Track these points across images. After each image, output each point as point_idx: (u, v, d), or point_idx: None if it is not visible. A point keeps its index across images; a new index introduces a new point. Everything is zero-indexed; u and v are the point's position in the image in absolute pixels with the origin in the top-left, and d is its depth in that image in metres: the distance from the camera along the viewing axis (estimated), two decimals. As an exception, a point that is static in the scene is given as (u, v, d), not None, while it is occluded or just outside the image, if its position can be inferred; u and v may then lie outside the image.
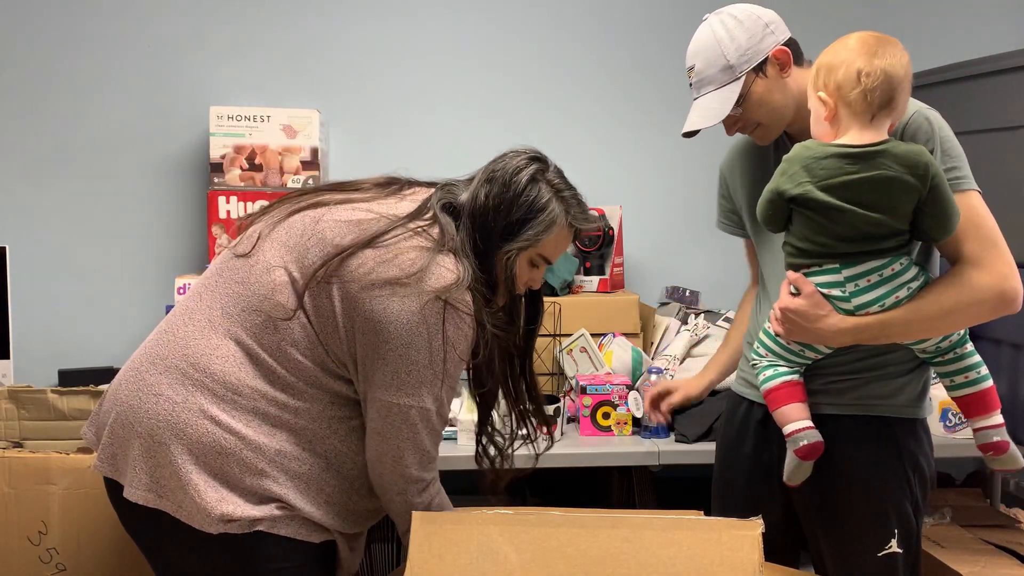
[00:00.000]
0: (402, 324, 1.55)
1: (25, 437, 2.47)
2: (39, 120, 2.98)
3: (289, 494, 1.59)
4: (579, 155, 3.17)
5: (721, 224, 2.12)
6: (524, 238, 1.67)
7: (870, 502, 1.76)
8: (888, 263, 1.63)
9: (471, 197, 1.69)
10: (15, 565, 2.22)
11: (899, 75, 1.60)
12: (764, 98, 1.78)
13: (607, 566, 1.48)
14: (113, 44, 2.99)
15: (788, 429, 1.75)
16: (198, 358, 1.60)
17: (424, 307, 1.55)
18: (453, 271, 1.58)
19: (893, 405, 1.77)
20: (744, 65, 1.76)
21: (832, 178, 1.61)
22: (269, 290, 1.61)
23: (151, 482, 1.59)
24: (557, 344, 2.70)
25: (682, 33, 3.17)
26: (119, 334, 2.95)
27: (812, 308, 1.67)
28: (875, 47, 1.61)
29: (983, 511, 2.65)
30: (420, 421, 1.61)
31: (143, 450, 1.59)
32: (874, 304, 1.64)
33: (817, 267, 1.67)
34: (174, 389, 1.59)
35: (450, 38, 3.11)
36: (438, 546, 1.51)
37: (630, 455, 2.43)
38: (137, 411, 1.60)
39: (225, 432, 1.56)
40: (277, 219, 1.69)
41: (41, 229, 2.99)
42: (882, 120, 1.62)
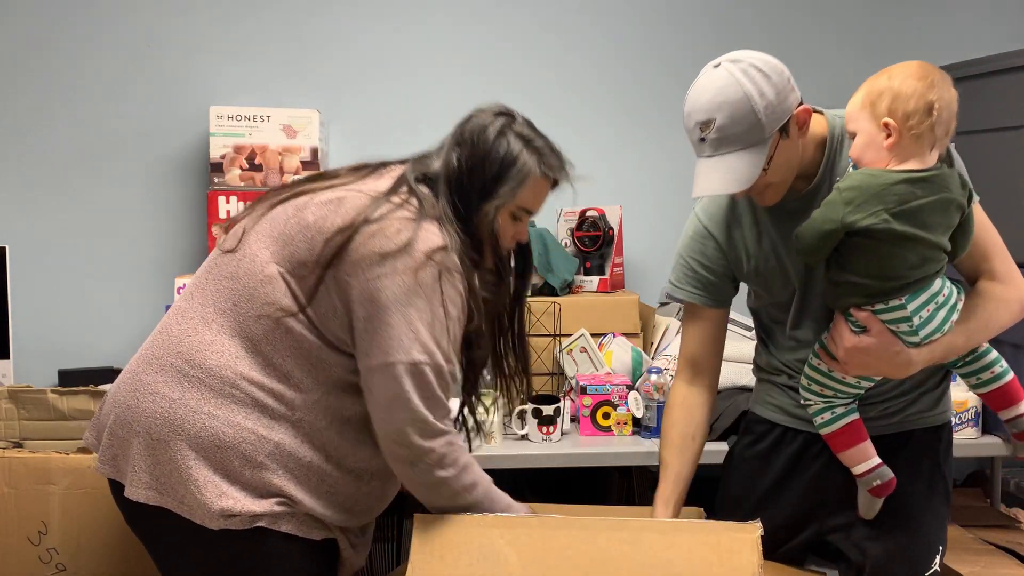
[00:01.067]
0: (399, 293, 1.56)
1: (25, 437, 2.46)
2: (39, 120, 2.98)
3: (289, 487, 1.59)
4: (579, 155, 3.14)
5: (682, 291, 1.90)
6: (500, 195, 1.68)
7: (921, 524, 1.79)
8: (940, 288, 1.65)
9: (444, 164, 1.70)
10: (15, 565, 2.22)
11: (956, 109, 1.63)
12: (786, 159, 1.66)
13: (607, 568, 1.48)
14: (113, 45, 2.99)
15: (859, 470, 1.76)
16: (193, 355, 1.61)
17: (418, 272, 1.56)
18: (439, 236, 1.60)
19: (934, 414, 1.84)
20: (773, 125, 1.61)
21: (904, 204, 1.58)
22: (258, 282, 1.62)
23: (151, 480, 1.59)
24: (557, 344, 2.70)
25: (682, 35, 3.19)
26: (119, 334, 2.95)
27: (888, 345, 1.65)
28: (940, 80, 1.62)
29: (983, 511, 2.65)
30: (417, 383, 1.58)
31: (143, 448, 1.59)
32: (938, 332, 1.67)
33: (883, 304, 1.64)
34: (170, 387, 1.60)
35: (450, 39, 3.10)
36: (439, 547, 1.52)
37: (630, 455, 2.43)
38: (135, 411, 1.61)
39: (223, 426, 1.57)
40: (260, 213, 1.70)
41: (41, 229, 2.98)
42: (936, 152, 1.63)
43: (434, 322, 1.57)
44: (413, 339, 1.56)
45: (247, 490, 1.57)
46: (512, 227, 1.75)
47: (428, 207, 1.63)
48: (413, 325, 1.56)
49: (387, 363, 1.57)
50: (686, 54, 3.16)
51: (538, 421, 2.44)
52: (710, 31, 3.13)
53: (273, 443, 1.59)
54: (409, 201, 1.64)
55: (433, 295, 1.57)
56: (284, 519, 1.60)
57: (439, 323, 1.58)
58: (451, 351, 1.62)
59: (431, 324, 1.57)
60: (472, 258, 1.65)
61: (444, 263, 1.58)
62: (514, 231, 1.76)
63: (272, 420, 1.60)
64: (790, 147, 1.66)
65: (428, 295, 1.57)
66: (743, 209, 1.82)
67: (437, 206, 1.65)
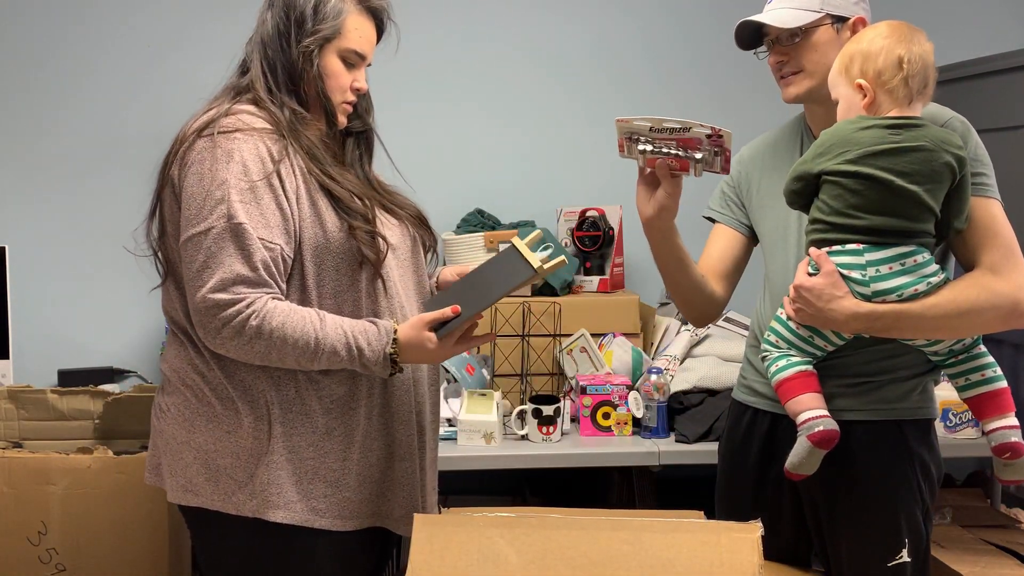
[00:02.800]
0: (192, 174, 1.59)
1: (25, 437, 2.47)
2: (39, 121, 2.98)
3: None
4: (579, 154, 3.17)
5: (712, 210, 2.01)
6: (321, 35, 1.65)
7: (883, 512, 1.73)
8: (912, 252, 1.62)
9: (259, 34, 1.71)
10: (15, 565, 2.22)
11: (932, 61, 1.64)
12: (822, 48, 1.75)
13: (608, 568, 1.48)
14: (112, 45, 2.99)
15: (802, 416, 1.69)
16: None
17: (199, 151, 1.59)
18: (232, 114, 1.62)
19: (904, 408, 1.75)
20: (829, 6, 1.74)
21: (874, 145, 1.60)
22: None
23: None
24: (557, 344, 2.70)
25: (682, 34, 3.19)
26: (119, 334, 2.95)
27: (829, 287, 1.63)
28: (909, 34, 1.63)
29: (984, 511, 2.65)
30: (220, 243, 1.54)
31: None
32: (893, 292, 1.62)
33: (840, 247, 1.64)
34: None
35: (447, 37, 3.10)
36: (439, 548, 1.51)
37: (630, 455, 2.43)
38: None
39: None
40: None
41: (41, 229, 2.98)
42: (917, 105, 1.64)
43: (215, 187, 1.57)
44: (196, 211, 1.58)
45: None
46: (348, 75, 1.71)
47: (240, 92, 1.68)
48: (195, 197, 1.59)
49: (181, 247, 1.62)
50: (687, 54, 3.18)
51: (538, 421, 2.44)
52: (711, 32, 3.13)
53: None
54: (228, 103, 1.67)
55: (209, 166, 1.58)
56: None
57: (222, 187, 1.57)
58: (242, 211, 1.56)
59: (212, 190, 1.58)
60: (316, 126, 1.67)
61: (217, 130, 1.59)
62: (352, 78, 1.72)
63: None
64: (833, 42, 1.74)
65: (207, 168, 1.58)
66: (782, 155, 1.88)
67: (256, 85, 1.66)
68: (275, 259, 1.56)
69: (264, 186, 1.57)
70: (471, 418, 2.40)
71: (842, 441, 1.71)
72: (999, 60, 2.65)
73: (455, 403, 2.48)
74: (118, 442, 2.39)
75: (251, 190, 1.56)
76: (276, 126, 1.63)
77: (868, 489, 1.74)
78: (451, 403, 2.49)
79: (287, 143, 1.62)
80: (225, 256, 1.52)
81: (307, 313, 1.57)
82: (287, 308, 1.56)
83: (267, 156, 1.59)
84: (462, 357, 2.59)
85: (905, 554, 1.72)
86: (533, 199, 3.07)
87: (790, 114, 1.94)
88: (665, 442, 2.44)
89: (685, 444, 2.43)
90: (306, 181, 1.62)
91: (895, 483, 1.73)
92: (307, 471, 1.63)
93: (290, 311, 1.55)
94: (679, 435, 2.46)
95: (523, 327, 2.70)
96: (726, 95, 3.11)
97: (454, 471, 2.30)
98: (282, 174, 1.59)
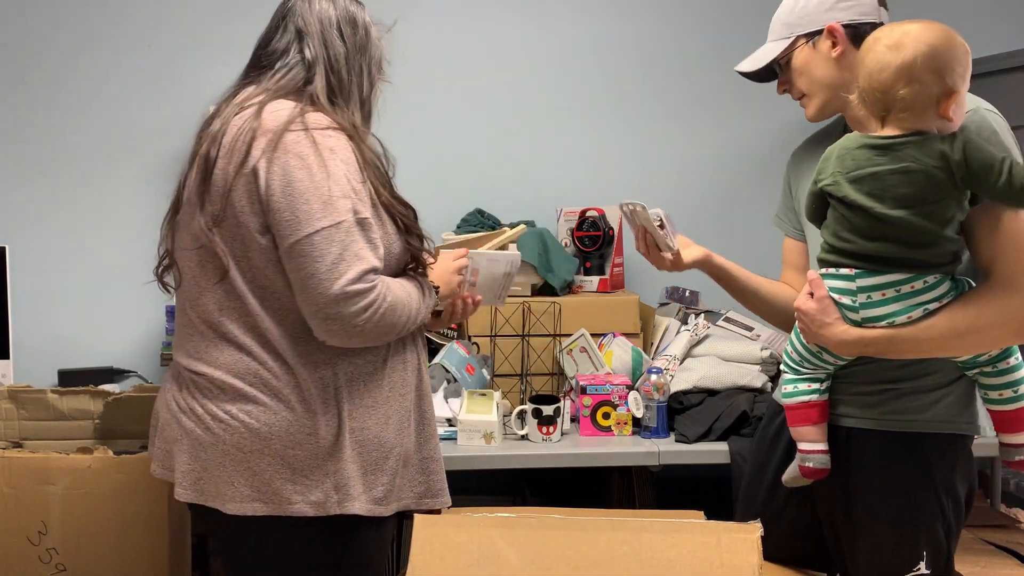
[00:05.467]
0: (297, 169, 1.58)
1: (25, 437, 2.47)
2: (39, 120, 2.98)
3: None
4: (579, 155, 3.17)
5: (777, 220, 2.03)
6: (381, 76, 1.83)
7: (898, 523, 1.69)
8: (909, 279, 1.56)
9: (324, 53, 1.72)
10: (15, 565, 2.22)
11: (911, 67, 1.52)
12: (805, 68, 1.76)
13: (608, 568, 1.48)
14: (113, 45, 2.99)
15: (804, 447, 1.72)
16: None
17: (294, 145, 1.58)
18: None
19: (928, 420, 1.67)
20: (798, 27, 1.76)
21: (859, 169, 1.56)
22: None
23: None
24: (557, 344, 2.70)
25: (685, 34, 3.19)
26: (119, 334, 2.95)
27: (819, 314, 1.62)
28: (891, 42, 1.55)
29: (983, 511, 2.65)
30: (352, 235, 1.57)
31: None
32: (882, 320, 1.58)
33: (834, 270, 1.62)
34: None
35: (448, 36, 3.10)
36: (439, 548, 1.52)
37: (630, 455, 2.43)
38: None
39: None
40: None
41: (41, 229, 2.98)
42: (901, 118, 1.55)
43: (321, 183, 1.61)
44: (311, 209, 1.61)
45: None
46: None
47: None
48: (306, 196, 1.61)
49: (291, 246, 1.62)
50: (687, 54, 3.18)
51: (538, 421, 2.44)
52: (711, 32, 3.13)
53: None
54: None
55: (316, 159, 1.61)
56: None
57: (322, 184, 1.62)
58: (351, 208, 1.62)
59: (319, 186, 1.62)
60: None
61: (308, 126, 1.62)
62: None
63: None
64: (813, 58, 1.76)
65: (316, 161, 1.61)
66: (819, 157, 1.83)
67: (319, 97, 1.69)
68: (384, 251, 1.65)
69: (365, 184, 1.63)
70: (471, 418, 2.40)
71: (859, 450, 1.70)
72: (999, 60, 2.65)
73: (455, 403, 2.48)
74: (118, 442, 2.39)
75: (362, 185, 1.61)
76: (349, 131, 1.67)
77: (884, 500, 1.69)
78: (451, 403, 2.49)
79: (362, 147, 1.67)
80: (359, 248, 1.56)
81: (392, 282, 1.65)
82: (392, 282, 1.65)
83: (359, 156, 1.64)
84: (462, 357, 2.59)
85: (923, 567, 1.68)
86: (533, 199, 3.07)
87: (787, 115, 1.93)
88: (665, 442, 2.44)
89: (685, 444, 2.43)
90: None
91: (912, 496, 1.68)
92: (370, 461, 1.66)
93: (394, 283, 1.65)
94: (679, 435, 2.46)
95: (523, 327, 2.70)
96: (724, 98, 3.11)
97: (454, 471, 2.30)
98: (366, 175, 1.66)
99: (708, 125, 3.16)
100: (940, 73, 1.52)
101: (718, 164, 3.18)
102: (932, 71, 1.52)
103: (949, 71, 1.52)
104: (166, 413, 1.72)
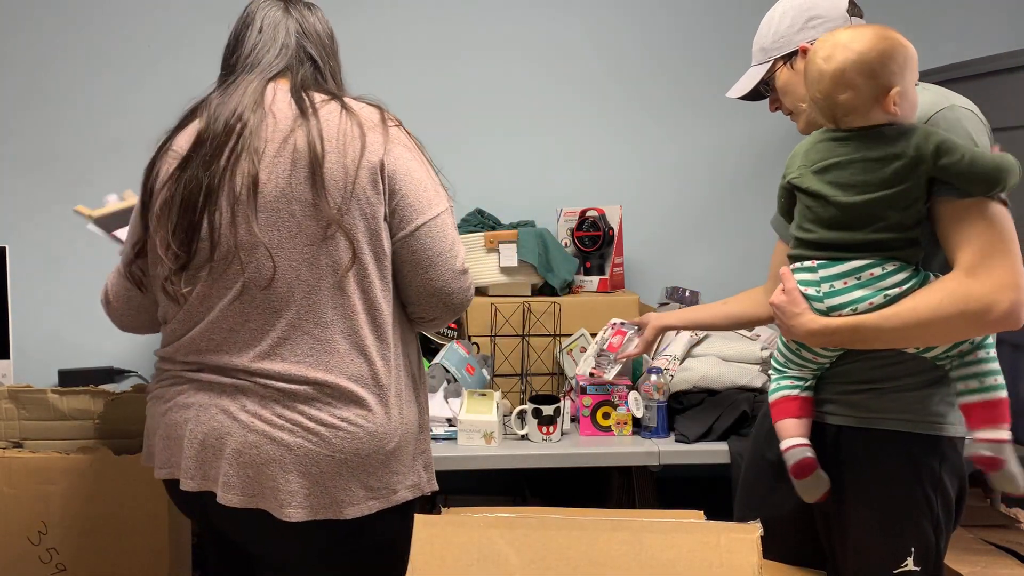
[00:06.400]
0: (411, 160, 1.68)
1: (25, 437, 2.47)
2: (39, 120, 2.98)
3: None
4: (579, 155, 3.17)
5: (776, 217, 2.02)
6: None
7: (884, 519, 1.70)
8: (868, 266, 1.60)
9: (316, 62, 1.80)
10: (15, 565, 2.22)
11: (842, 76, 1.59)
12: (786, 88, 1.83)
13: (607, 568, 1.48)
14: (113, 44, 2.99)
15: (782, 445, 1.74)
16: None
17: (399, 140, 1.69)
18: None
19: (910, 420, 1.68)
20: (775, 51, 1.84)
21: (822, 160, 1.64)
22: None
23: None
24: (557, 344, 2.70)
25: (684, 33, 3.19)
26: (119, 334, 2.91)
27: (789, 305, 1.67)
28: (824, 53, 1.63)
29: (983, 511, 2.65)
30: (452, 222, 1.73)
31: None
32: (846, 307, 1.62)
33: (799, 264, 1.68)
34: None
35: (449, 36, 3.10)
36: (439, 548, 1.51)
37: (630, 455, 2.43)
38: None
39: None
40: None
41: (41, 229, 2.99)
42: (849, 119, 1.62)
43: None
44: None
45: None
46: None
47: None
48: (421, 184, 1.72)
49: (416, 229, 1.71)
50: (687, 54, 3.18)
51: (538, 421, 2.44)
52: (711, 32, 3.13)
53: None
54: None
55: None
56: None
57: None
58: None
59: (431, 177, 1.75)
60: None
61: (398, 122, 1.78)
62: None
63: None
64: (792, 78, 1.82)
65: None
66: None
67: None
68: None
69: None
70: (471, 418, 2.41)
71: (845, 447, 1.72)
72: (999, 60, 2.64)
73: (455, 403, 2.48)
74: (118, 442, 2.39)
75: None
76: None
77: (871, 495, 1.71)
78: (451, 403, 2.49)
79: None
80: (458, 233, 1.74)
81: None
82: None
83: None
84: (462, 357, 2.59)
85: (911, 563, 1.69)
86: (533, 199, 3.08)
87: (786, 116, 1.94)
88: (665, 442, 2.44)
89: (685, 444, 2.43)
90: None
91: (899, 491, 1.69)
92: (424, 442, 1.76)
93: None
94: (679, 435, 2.46)
95: (523, 327, 2.70)
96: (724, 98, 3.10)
97: (454, 471, 2.31)
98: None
99: (708, 125, 3.16)
100: (872, 75, 1.58)
101: (718, 164, 3.19)
102: (863, 75, 1.59)
103: (882, 71, 1.58)
104: (239, 432, 1.60)
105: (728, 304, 2.18)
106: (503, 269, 2.73)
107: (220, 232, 1.59)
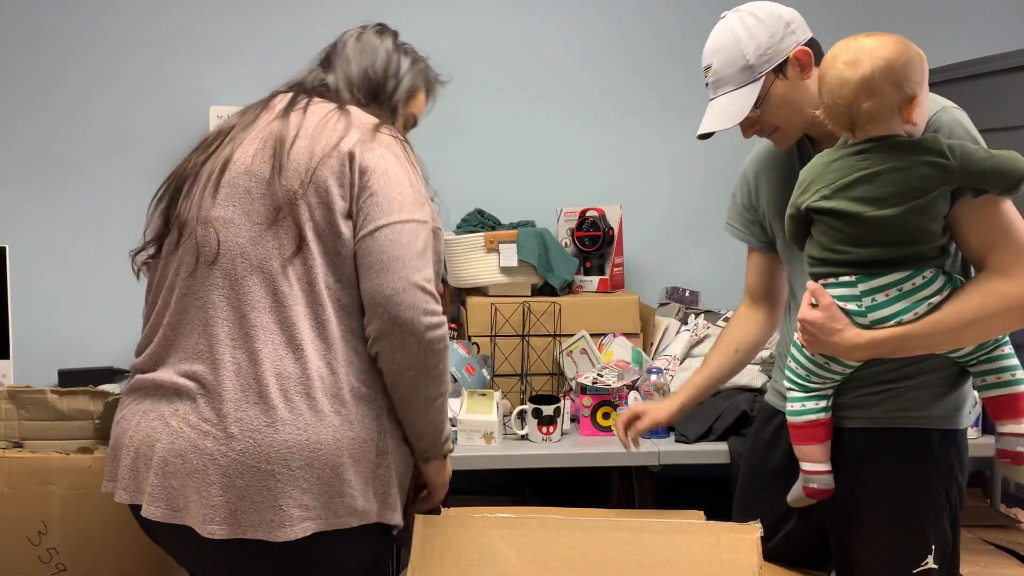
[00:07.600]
0: (387, 160, 1.59)
1: (25, 437, 2.46)
2: (39, 120, 2.98)
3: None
4: (579, 155, 3.17)
5: (731, 228, 2.02)
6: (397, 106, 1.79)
7: (908, 519, 1.70)
8: (908, 277, 1.58)
9: (344, 70, 1.80)
10: (15, 565, 2.22)
11: (870, 82, 1.54)
12: (784, 100, 1.72)
13: (608, 568, 1.48)
14: (113, 44, 2.99)
15: (807, 467, 1.72)
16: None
17: (384, 142, 1.60)
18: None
19: (930, 417, 1.70)
20: (764, 65, 1.71)
21: (845, 177, 1.58)
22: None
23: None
24: (557, 344, 2.70)
25: (684, 33, 3.19)
26: (119, 334, 2.94)
27: (828, 321, 1.62)
28: (849, 58, 1.57)
29: (983, 511, 2.66)
30: (430, 240, 1.57)
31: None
32: (891, 320, 1.60)
33: (834, 279, 1.63)
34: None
35: (450, 36, 3.10)
36: (440, 548, 1.52)
37: (630, 455, 2.41)
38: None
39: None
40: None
41: (41, 229, 2.99)
42: (868, 128, 1.58)
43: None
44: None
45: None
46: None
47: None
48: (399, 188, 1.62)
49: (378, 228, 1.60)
50: (686, 54, 3.17)
51: (538, 421, 2.44)
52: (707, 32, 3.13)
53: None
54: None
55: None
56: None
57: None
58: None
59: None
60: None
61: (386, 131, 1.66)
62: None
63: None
64: (789, 88, 1.72)
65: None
66: (791, 164, 1.83)
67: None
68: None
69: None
70: (471, 418, 2.41)
71: (864, 448, 1.71)
72: (999, 60, 2.64)
73: (455, 403, 2.48)
74: (118, 442, 2.39)
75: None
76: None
77: (893, 496, 1.70)
78: (451, 403, 2.49)
79: None
80: (432, 255, 1.56)
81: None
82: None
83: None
84: (462, 357, 2.59)
85: (931, 561, 1.69)
86: (533, 199, 3.08)
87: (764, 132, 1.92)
88: (665, 442, 2.44)
89: (685, 444, 2.43)
90: None
91: (921, 490, 1.69)
92: (386, 469, 1.57)
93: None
94: (679, 435, 2.46)
95: (523, 327, 2.70)
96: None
97: (454, 471, 2.30)
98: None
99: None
100: (898, 83, 1.55)
101: (718, 165, 3.18)
102: (890, 82, 1.55)
103: (907, 80, 1.56)
104: (167, 439, 1.52)
105: (720, 350, 2.05)
106: (503, 269, 2.73)
107: (187, 209, 1.62)
